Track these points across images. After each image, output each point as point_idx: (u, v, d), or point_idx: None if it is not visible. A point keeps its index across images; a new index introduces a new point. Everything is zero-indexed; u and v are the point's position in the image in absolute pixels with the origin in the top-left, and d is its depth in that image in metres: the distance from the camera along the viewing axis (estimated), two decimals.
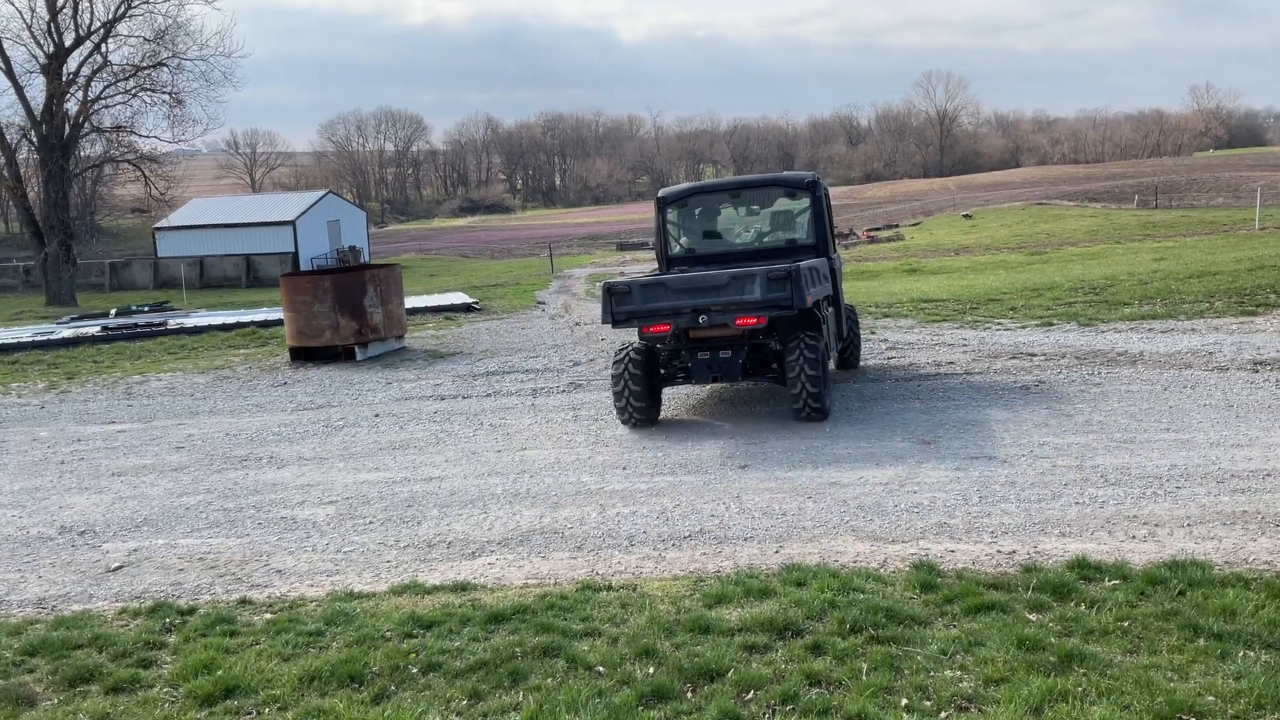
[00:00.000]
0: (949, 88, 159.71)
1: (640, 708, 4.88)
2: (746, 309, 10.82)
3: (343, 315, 18.34)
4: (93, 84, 39.84)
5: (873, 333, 17.90)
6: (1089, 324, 17.21)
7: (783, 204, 13.33)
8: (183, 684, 5.69)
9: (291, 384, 16.97)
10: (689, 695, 4.99)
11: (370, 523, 9.28)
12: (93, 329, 23.63)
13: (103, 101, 39.97)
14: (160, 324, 23.77)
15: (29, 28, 38.75)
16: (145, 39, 40.42)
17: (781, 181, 13.41)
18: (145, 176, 42.77)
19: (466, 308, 25.56)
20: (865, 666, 5.11)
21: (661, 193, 13.50)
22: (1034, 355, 14.70)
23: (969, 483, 8.99)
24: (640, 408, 11.59)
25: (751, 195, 13.63)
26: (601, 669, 5.37)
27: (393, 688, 5.42)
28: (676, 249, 13.34)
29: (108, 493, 11.05)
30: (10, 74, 38.00)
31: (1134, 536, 7.39)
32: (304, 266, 52.26)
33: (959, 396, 12.38)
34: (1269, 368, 12.97)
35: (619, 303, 11.07)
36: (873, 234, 54.40)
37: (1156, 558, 6.72)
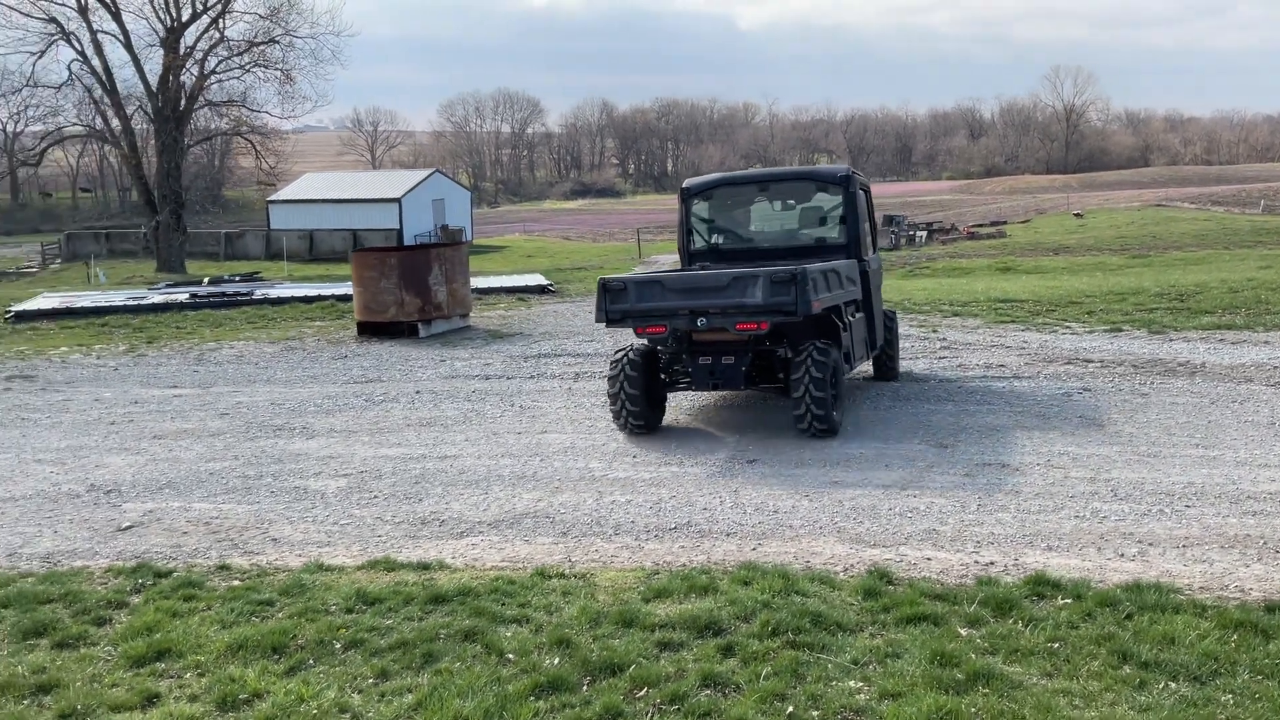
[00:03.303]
0: (1077, 82, 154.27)
1: (531, 698, 4.86)
2: (747, 313, 9.94)
3: (407, 292, 18.67)
4: (208, 58, 41.25)
5: (934, 331, 17.50)
6: (1160, 332, 16.53)
7: (815, 200, 12.41)
8: (122, 644, 5.87)
9: (351, 358, 17.35)
10: (584, 688, 4.96)
11: (375, 497, 9.44)
12: (182, 296, 24.52)
13: (216, 75, 41.39)
14: (246, 294, 24.54)
15: (150, 2, 40.35)
16: (260, 15, 41.72)
17: (814, 175, 12.70)
18: (256, 150, 44.13)
19: (541, 289, 25.77)
20: (767, 671, 5.01)
21: (686, 183, 12.80)
22: (1090, 362, 14.18)
23: (973, 490, 8.74)
24: (636, 413, 10.75)
25: (782, 189, 12.77)
26: (511, 656, 5.37)
27: (310, 661, 5.51)
28: (699, 244, 12.56)
29: (143, 454, 11.46)
30: (130, 47, 39.62)
31: (1122, 555, 7.09)
32: (407, 243, 53.33)
33: (995, 401, 12.02)
34: None
35: (613, 300, 10.33)
36: (974, 230, 53.08)
37: (1131, 578, 6.43)
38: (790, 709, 4.64)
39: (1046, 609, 5.78)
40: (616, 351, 10.89)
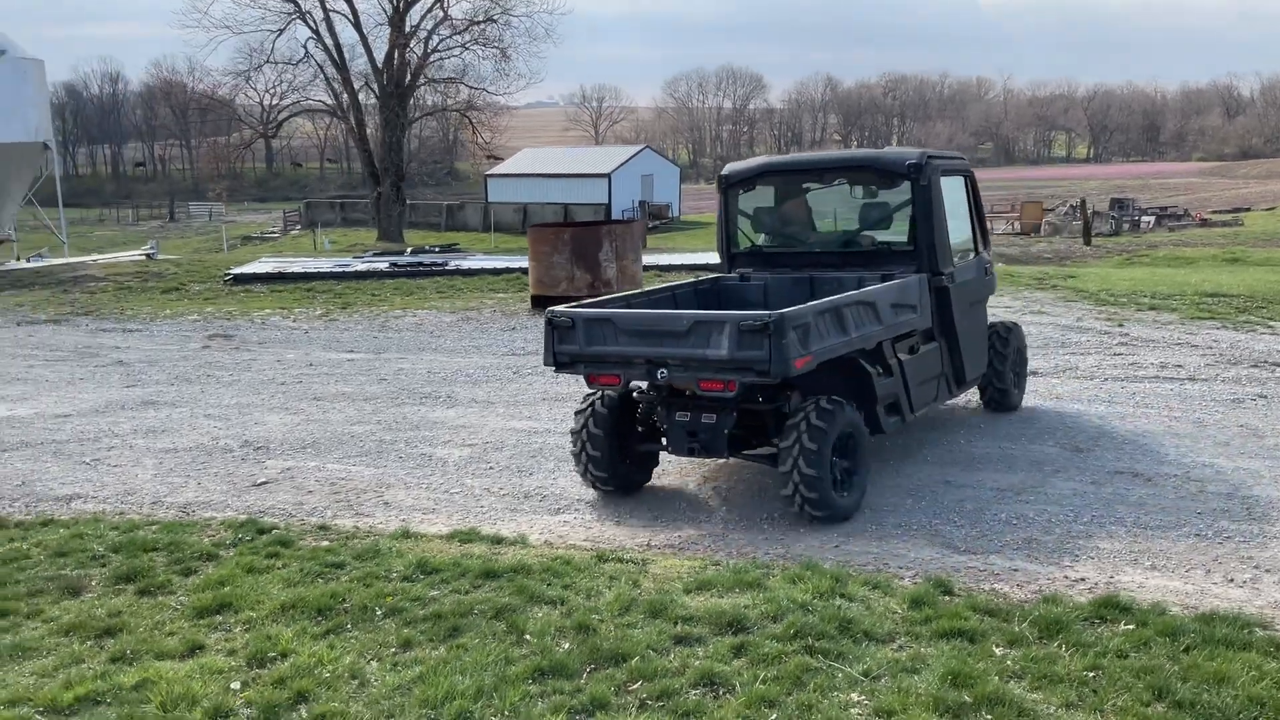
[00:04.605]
0: None
1: (528, 681, 4.92)
2: (710, 368, 7.58)
3: (578, 267, 19.01)
4: (431, 37, 43.07)
5: (1119, 325, 16.43)
6: None
7: (878, 194, 9.97)
8: (193, 595, 6.29)
9: (518, 330, 17.84)
10: (582, 677, 4.97)
11: (490, 468, 9.71)
12: (382, 265, 25.77)
13: (438, 53, 43.16)
14: (441, 264, 25.56)
15: None
16: None
17: (875, 163, 9.82)
18: (472, 126, 45.82)
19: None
20: (768, 675, 4.88)
21: (725, 169, 10.39)
22: (1278, 366, 12.98)
23: (1093, 499, 8.19)
24: (602, 474, 8.54)
25: (838, 178, 10.22)
26: (529, 638, 5.44)
27: (348, 626, 5.75)
28: (742, 245, 10.29)
29: (299, 415, 12.17)
30: (359, 26, 41.81)
31: (1231, 580, 6.51)
32: (615, 218, 54.27)
33: (1154, 404, 11.19)
34: None
35: (561, 340, 8.17)
36: (1207, 218, 49.31)
37: (1230, 606, 5.90)
38: (774, 716, 4.51)
39: (1100, 634, 5.37)
40: (587, 396, 8.76)
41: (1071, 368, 13.31)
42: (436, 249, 30.91)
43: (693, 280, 10.64)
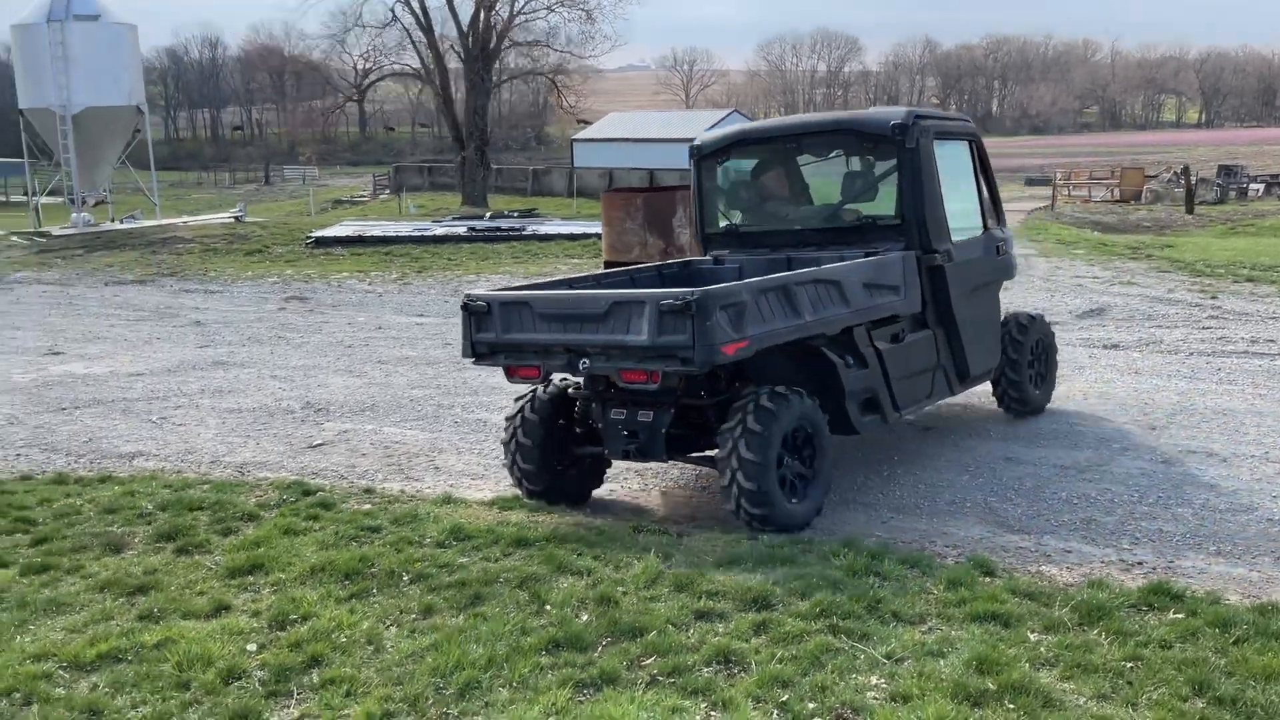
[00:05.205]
0: None
1: (542, 653, 4.83)
2: (633, 357, 6.58)
3: (651, 233, 18.80)
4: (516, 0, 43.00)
5: (1211, 298, 15.74)
6: None
7: (860, 161, 8.78)
8: (228, 555, 6.34)
9: None
10: (598, 649, 4.87)
11: None
12: (460, 229, 25.91)
13: (523, 15, 43.10)
14: (519, 230, 25.61)
15: None
16: None
17: (856, 126, 8.53)
18: (557, 89, 45.75)
19: None
20: (787, 655, 4.71)
21: (698, 139, 9.20)
22: None
23: (1162, 479, 7.82)
24: (533, 475, 7.51)
25: (817, 145, 8.86)
26: (550, 608, 5.35)
27: (373, 590, 5.73)
28: (717, 224, 9.12)
29: (362, 378, 12.28)
30: None
31: None
32: None
33: (1238, 380, 10.67)
34: None
35: (479, 327, 7.24)
36: None
37: None
38: (786, 697, 4.35)
39: (1145, 622, 5.09)
40: (518, 397, 7.81)
41: (1155, 341, 12.78)
42: (515, 214, 30.99)
43: (657, 264, 9.61)
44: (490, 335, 7.19)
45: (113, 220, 32.96)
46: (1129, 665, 4.63)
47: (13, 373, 13.14)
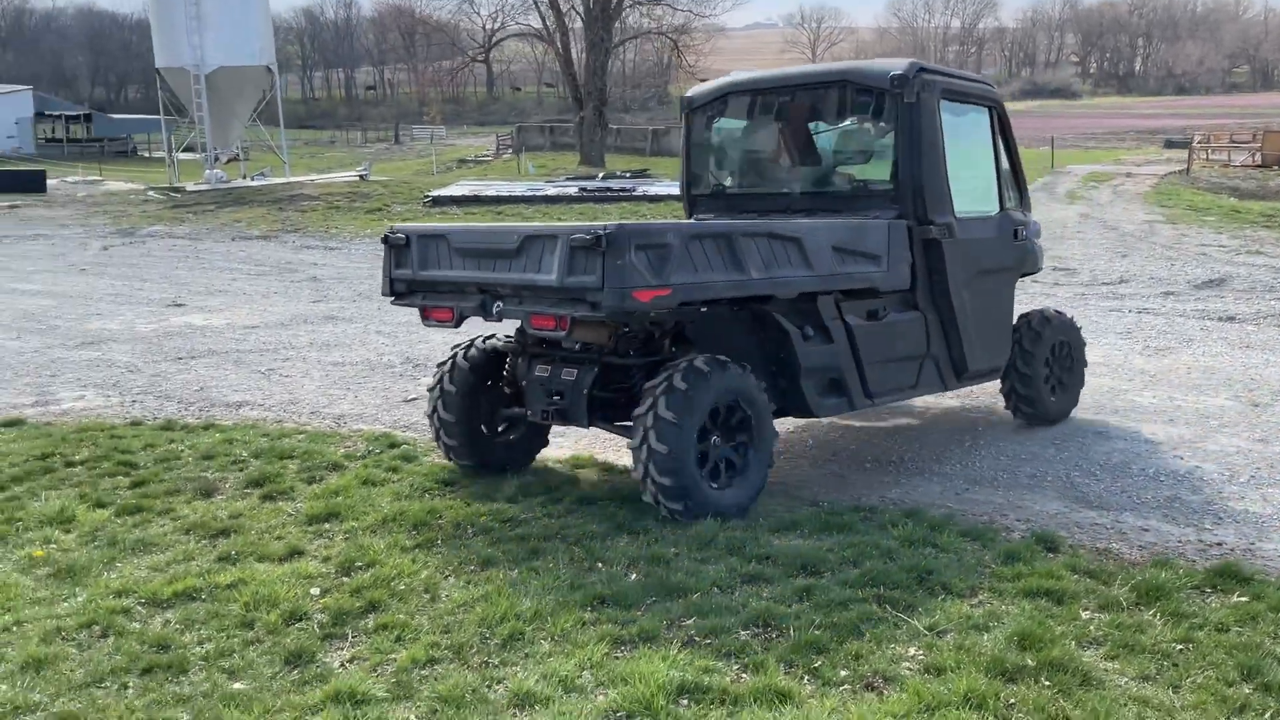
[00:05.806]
0: None
1: (587, 609, 4.95)
2: (543, 300, 6.00)
3: None
4: None
5: None
6: None
7: (856, 119, 7.84)
8: (308, 503, 6.63)
9: None
10: (641, 608, 4.97)
11: None
12: (572, 189, 26.14)
13: None
14: (630, 190, 25.71)
15: None
16: None
17: (852, 77, 7.54)
18: (677, 48, 45.55)
19: None
20: (826, 622, 4.73)
21: (689, 93, 8.45)
22: None
23: (1257, 458, 7.55)
24: (456, 442, 7.12)
25: (814, 99, 7.88)
26: (600, 566, 5.47)
27: (438, 541, 5.93)
28: (706, 184, 8.41)
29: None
30: None
31: None
32: None
33: None
34: None
35: (397, 262, 6.79)
36: None
37: None
38: (819, 663, 4.39)
39: (1205, 604, 4.96)
40: (452, 348, 7.38)
41: (1274, 314, 12.23)
42: (627, 174, 31.09)
43: None
44: (408, 271, 6.72)
45: (244, 177, 34.21)
46: (1179, 647, 4.53)
47: (137, 323, 13.85)
